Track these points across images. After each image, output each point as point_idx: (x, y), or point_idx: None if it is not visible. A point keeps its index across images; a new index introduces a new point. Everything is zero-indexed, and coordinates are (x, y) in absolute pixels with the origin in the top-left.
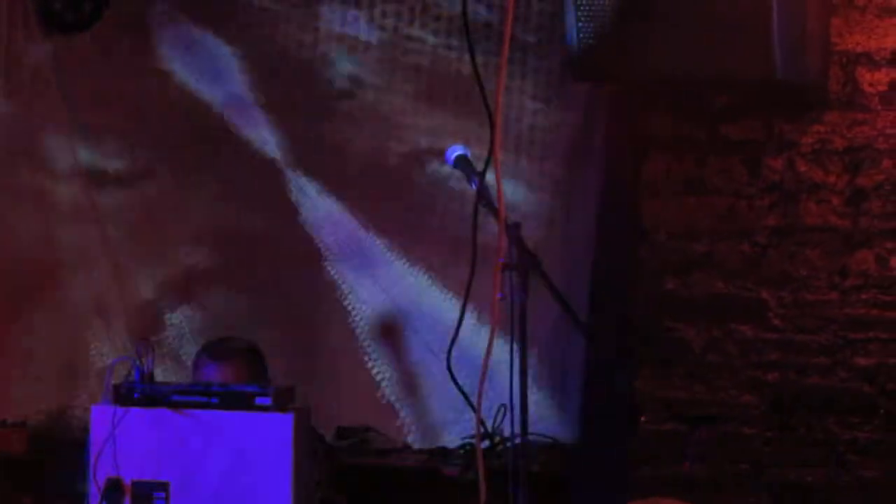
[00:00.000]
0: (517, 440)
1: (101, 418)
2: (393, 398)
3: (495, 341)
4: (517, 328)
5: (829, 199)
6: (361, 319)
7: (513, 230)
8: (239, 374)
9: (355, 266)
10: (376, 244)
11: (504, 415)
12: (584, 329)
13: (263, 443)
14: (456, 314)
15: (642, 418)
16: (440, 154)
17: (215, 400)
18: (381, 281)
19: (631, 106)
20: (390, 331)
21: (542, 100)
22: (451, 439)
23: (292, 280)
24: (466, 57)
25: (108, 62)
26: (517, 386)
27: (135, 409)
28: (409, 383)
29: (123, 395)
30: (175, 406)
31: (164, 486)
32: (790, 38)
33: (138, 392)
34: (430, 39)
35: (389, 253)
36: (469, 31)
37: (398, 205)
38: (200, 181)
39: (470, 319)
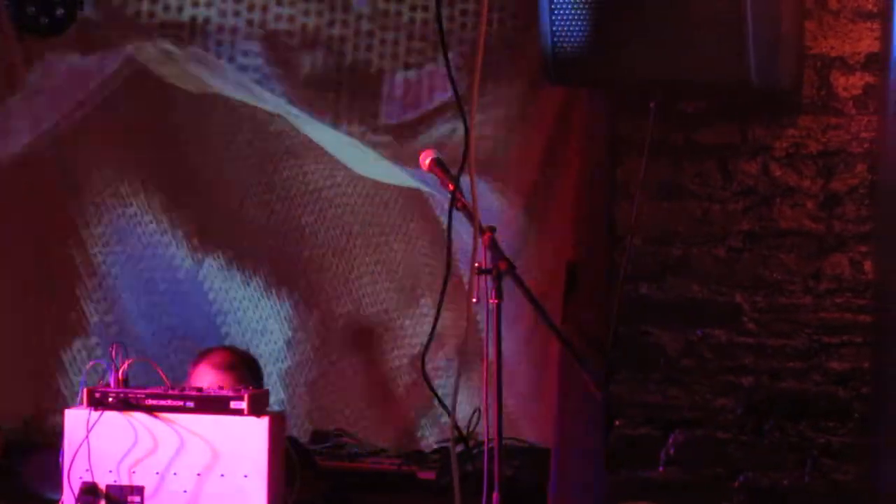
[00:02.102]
0: (492, 444)
1: (75, 422)
2: (368, 402)
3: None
4: (492, 332)
5: (804, 203)
6: (337, 323)
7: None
8: (239, 383)
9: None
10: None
11: (479, 419)
12: (558, 333)
13: (239, 447)
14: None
15: (617, 422)
16: None
17: (190, 404)
18: (358, 285)
19: (606, 110)
20: (365, 335)
21: (518, 103)
22: (426, 443)
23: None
24: None
25: None
26: (492, 390)
27: (109, 413)
28: (384, 387)
29: (98, 399)
30: (150, 410)
31: (139, 491)
32: (764, 42)
33: (113, 396)
34: None
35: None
36: (444, 36)
37: None
38: None
39: (444, 324)
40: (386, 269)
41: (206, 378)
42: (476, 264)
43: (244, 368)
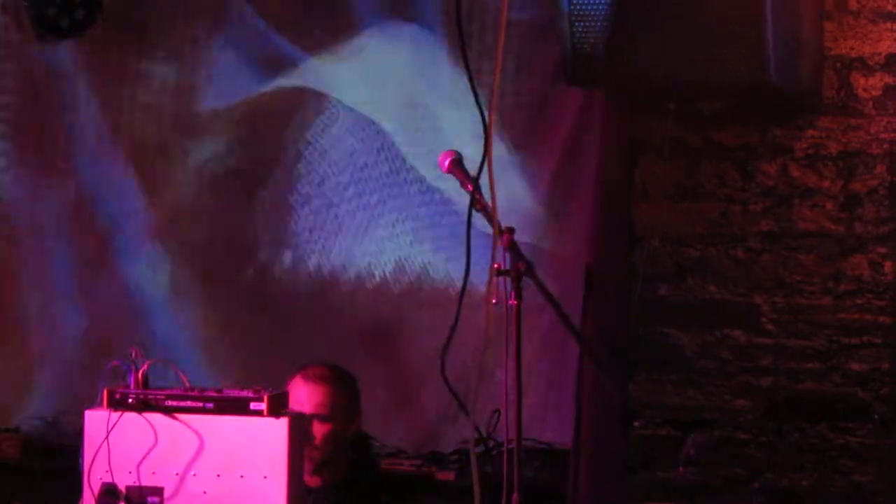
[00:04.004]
0: (511, 445)
1: (94, 423)
2: (387, 403)
3: (489, 346)
4: (511, 333)
5: (823, 203)
6: (356, 324)
7: (507, 235)
8: (333, 397)
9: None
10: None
11: (498, 420)
12: (577, 334)
13: (258, 448)
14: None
15: (636, 423)
16: None
17: (210, 405)
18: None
19: (624, 111)
20: (384, 335)
21: (537, 105)
22: (446, 444)
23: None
24: None
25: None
26: (511, 391)
27: (129, 414)
28: (403, 388)
29: (117, 400)
30: (169, 411)
31: (158, 492)
32: (784, 43)
33: (132, 397)
34: None
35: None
36: (462, 34)
37: None
38: None
39: (464, 324)
40: None
41: (298, 390)
42: (495, 265)
43: (338, 382)
